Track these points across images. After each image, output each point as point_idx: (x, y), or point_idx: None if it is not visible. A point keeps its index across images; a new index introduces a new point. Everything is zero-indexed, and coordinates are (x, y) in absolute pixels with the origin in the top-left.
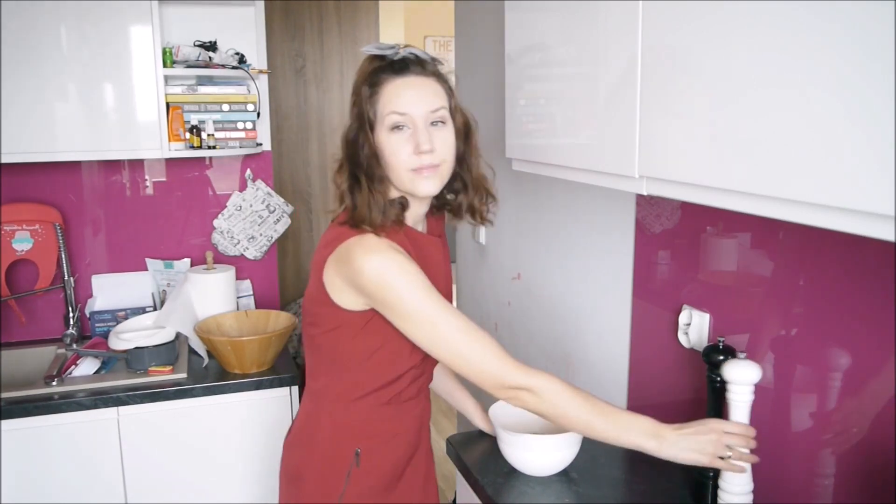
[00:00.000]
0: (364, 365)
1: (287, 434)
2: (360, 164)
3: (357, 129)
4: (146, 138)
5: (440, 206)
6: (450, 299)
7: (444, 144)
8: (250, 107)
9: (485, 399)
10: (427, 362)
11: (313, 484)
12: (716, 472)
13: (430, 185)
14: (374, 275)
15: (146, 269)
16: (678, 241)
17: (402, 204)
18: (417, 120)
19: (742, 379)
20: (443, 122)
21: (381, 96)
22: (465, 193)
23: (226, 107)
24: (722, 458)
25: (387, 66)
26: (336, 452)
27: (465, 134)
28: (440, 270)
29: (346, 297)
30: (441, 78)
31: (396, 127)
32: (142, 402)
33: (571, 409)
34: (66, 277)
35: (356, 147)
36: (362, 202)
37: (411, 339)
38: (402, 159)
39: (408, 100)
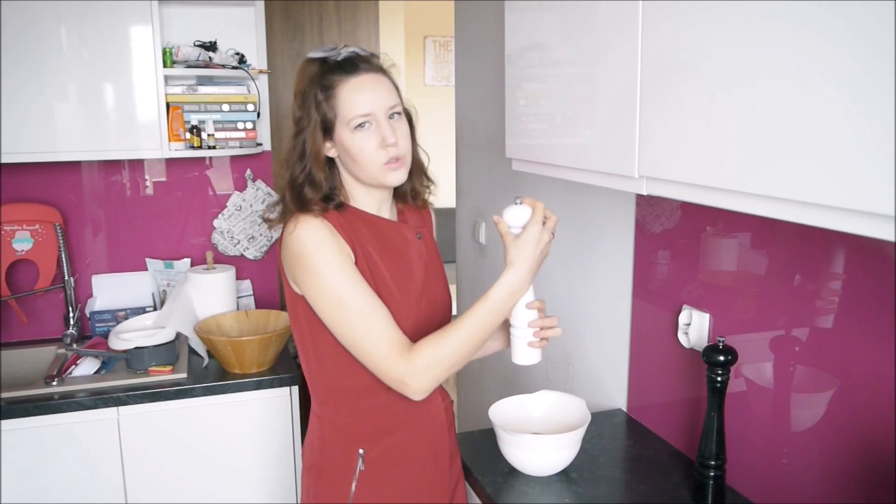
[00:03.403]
0: (339, 360)
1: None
2: (304, 165)
3: (308, 133)
4: (146, 138)
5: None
6: (434, 293)
7: (404, 136)
8: (250, 107)
9: (484, 396)
10: None
11: (328, 483)
12: (716, 472)
13: (398, 176)
14: (292, 248)
15: (146, 269)
16: (678, 241)
17: (341, 204)
18: (379, 115)
19: (518, 221)
20: (399, 115)
21: (338, 98)
22: (408, 179)
23: (226, 107)
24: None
25: (335, 67)
26: (339, 454)
27: (410, 123)
28: (406, 259)
29: (292, 282)
30: (388, 72)
31: (360, 125)
32: (142, 402)
33: (458, 355)
34: (66, 277)
35: (305, 149)
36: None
37: (323, 320)
38: (370, 155)
39: (367, 98)
